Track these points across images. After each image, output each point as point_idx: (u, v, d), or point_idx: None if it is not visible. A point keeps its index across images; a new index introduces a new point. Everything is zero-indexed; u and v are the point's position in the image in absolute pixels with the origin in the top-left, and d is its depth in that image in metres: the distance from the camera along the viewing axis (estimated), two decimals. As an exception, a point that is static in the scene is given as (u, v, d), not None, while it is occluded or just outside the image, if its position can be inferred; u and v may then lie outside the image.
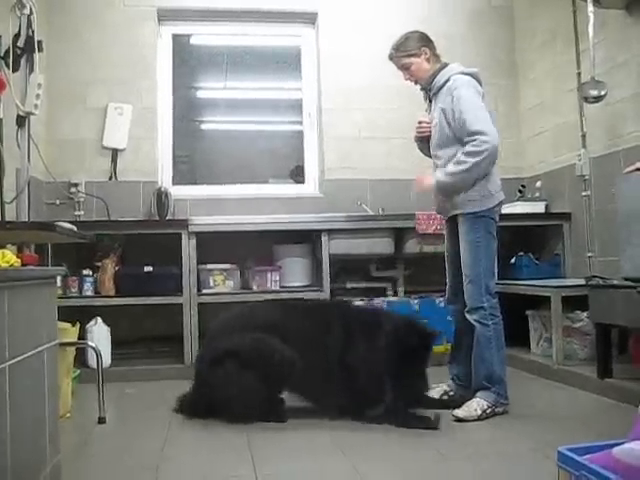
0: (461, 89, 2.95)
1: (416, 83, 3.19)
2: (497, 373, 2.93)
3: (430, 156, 3.27)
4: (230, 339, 2.92)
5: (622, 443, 1.53)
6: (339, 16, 4.94)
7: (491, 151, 2.86)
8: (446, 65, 3.10)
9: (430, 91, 3.13)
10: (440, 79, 3.05)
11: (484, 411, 2.86)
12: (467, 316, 2.99)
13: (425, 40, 3.13)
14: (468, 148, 2.89)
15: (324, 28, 4.94)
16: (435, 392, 3.21)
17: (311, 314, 3.07)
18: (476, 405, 2.87)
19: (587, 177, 4.17)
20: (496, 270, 3.04)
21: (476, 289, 2.95)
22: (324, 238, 4.19)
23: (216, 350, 2.93)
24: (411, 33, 3.15)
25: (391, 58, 3.17)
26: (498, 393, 2.91)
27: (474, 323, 2.96)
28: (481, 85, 3.06)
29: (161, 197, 4.46)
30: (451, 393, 3.21)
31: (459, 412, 2.85)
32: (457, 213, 3.03)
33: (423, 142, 3.27)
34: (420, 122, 3.22)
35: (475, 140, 2.86)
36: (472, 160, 2.87)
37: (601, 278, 3.43)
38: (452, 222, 3.12)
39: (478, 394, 2.92)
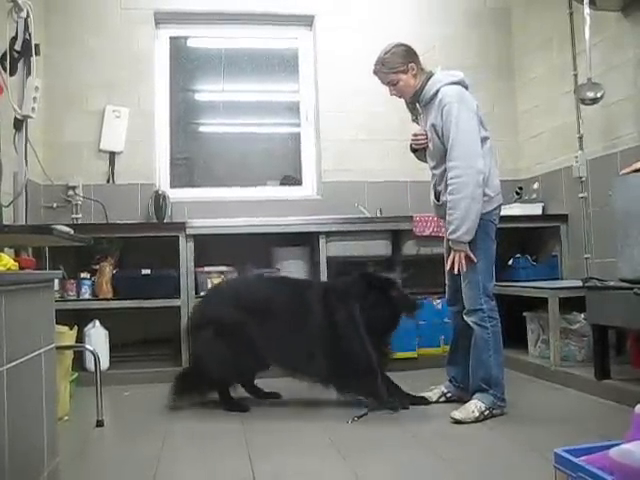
0: (450, 106, 2.89)
1: (401, 97, 3.16)
2: (495, 375, 2.93)
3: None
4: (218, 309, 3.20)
5: (619, 444, 1.54)
6: (336, 18, 4.95)
7: (466, 180, 2.83)
8: (431, 75, 3.04)
9: (420, 102, 3.11)
10: (429, 90, 3.01)
11: (482, 413, 2.86)
12: (465, 318, 3.00)
13: (411, 55, 3.07)
14: (449, 188, 2.89)
15: (321, 30, 4.95)
16: (433, 394, 3.23)
17: (295, 290, 3.24)
18: (474, 407, 2.87)
19: (584, 179, 4.18)
20: (493, 272, 3.04)
21: (474, 291, 2.95)
22: (322, 240, 4.19)
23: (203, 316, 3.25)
24: (396, 47, 3.08)
25: (376, 73, 3.13)
26: (495, 395, 2.91)
27: (472, 325, 2.96)
28: (467, 89, 3.03)
29: (159, 200, 4.45)
30: (448, 395, 3.22)
31: (457, 414, 2.85)
32: None
33: (419, 152, 3.24)
34: (415, 135, 3.16)
35: (450, 172, 2.87)
36: (477, 190, 2.85)
37: (598, 280, 3.43)
38: None
39: (475, 396, 2.93)
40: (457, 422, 2.83)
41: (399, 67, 3.05)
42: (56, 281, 3.79)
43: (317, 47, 4.97)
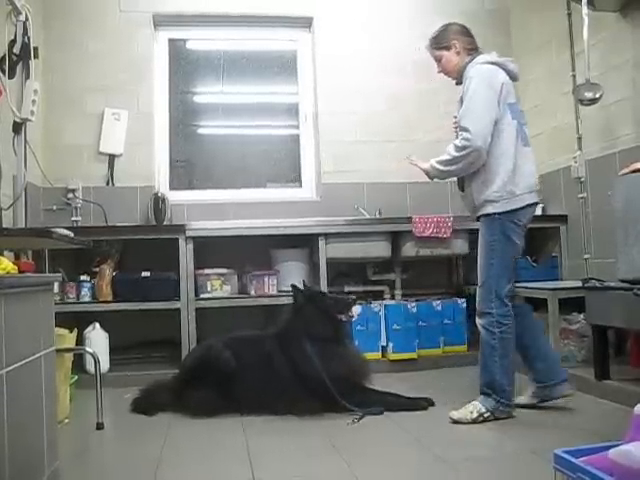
0: (471, 80, 2.89)
1: (446, 75, 3.14)
2: (499, 382, 2.86)
3: None
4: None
5: (619, 445, 1.54)
6: (335, 20, 4.95)
7: (470, 152, 2.81)
8: (476, 57, 3.01)
9: (462, 83, 3.06)
10: (466, 70, 2.99)
11: (481, 415, 2.84)
12: (477, 320, 2.95)
13: (459, 33, 3.07)
14: (455, 141, 2.89)
15: (320, 32, 4.95)
16: (524, 398, 3.07)
17: (255, 344, 3.34)
18: (472, 408, 2.86)
19: (583, 179, 4.18)
20: (511, 276, 2.94)
21: (486, 294, 2.90)
22: (321, 242, 4.19)
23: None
24: (448, 25, 3.12)
25: (427, 49, 3.15)
26: (498, 401, 2.86)
27: (480, 328, 2.92)
28: (512, 75, 3.01)
29: (158, 202, 4.45)
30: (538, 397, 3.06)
31: (455, 413, 2.86)
32: (480, 214, 2.96)
33: None
34: (455, 116, 3.12)
35: (461, 135, 2.85)
36: (454, 153, 2.86)
37: (598, 280, 3.43)
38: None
39: (478, 398, 2.91)
40: (455, 422, 2.82)
41: (443, 43, 3.07)
42: (56, 284, 3.79)
43: (316, 49, 4.97)
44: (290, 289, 3.45)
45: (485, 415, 2.84)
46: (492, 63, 2.96)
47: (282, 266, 4.37)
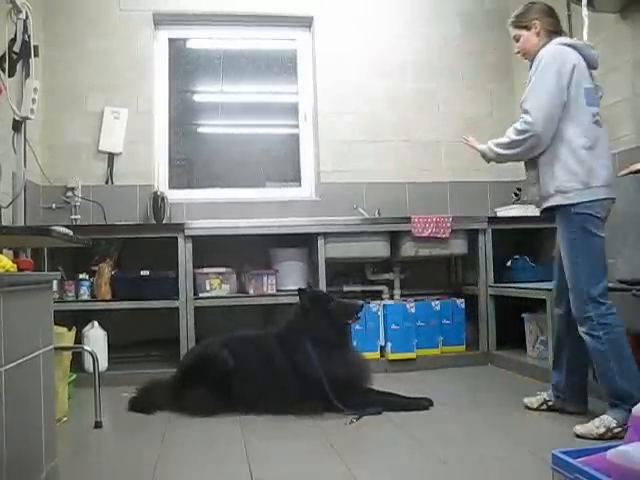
0: (540, 62, 2.75)
1: (524, 56, 2.97)
2: (622, 388, 2.55)
3: None
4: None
5: (617, 446, 1.54)
6: (334, 20, 4.95)
7: (529, 137, 2.70)
8: (554, 38, 2.82)
9: (533, 66, 2.91)
10: (539, 53, 2.81)
11: (609, 429, 2.51)
12: (579, 329, 2.68)
13: (541, 13, 2.87)
14: (515, 124, 2.80)
15: (320, 32, 4.95)
16: (535, 400, 3.03)
17: (255, 344, 3.34)
18: (599, 423, 2.54)
19: (582, 180, 4.17)
20: (602, 272, 2.68)
21: (578, 297, 2.66)
22: (320, 241, 4.19)
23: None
24: (532, 3, 2.92)
25: (508, 26, 3.01)
26: (630, 410, 2.55)
27: (584, 337, 2.65)
28: (589, 60, 2.77)
29: (157, 201, 4.46)
30: (550, 403, 2.98)
31: (579, 428, 2.57)
32: (548, 206, 2.80)
33: None
34: None
35: (522, 118, 2.75)
36: (513, 137, 2.78)
37: (596, 281, 3.42)
38: (551, 215, 2.86)
39: (607, 411, 2.60)
40: (578, 437, 2.54)
41: (523, 22, 2.90)
42: (55, 282, 3.80)
43: (316, 48, 4.97)
44: (296, 291, 3.43)
45: (615, 430, 2.49)
46: (566, 45, 2.76)
47: (281, 265, 4.37)
